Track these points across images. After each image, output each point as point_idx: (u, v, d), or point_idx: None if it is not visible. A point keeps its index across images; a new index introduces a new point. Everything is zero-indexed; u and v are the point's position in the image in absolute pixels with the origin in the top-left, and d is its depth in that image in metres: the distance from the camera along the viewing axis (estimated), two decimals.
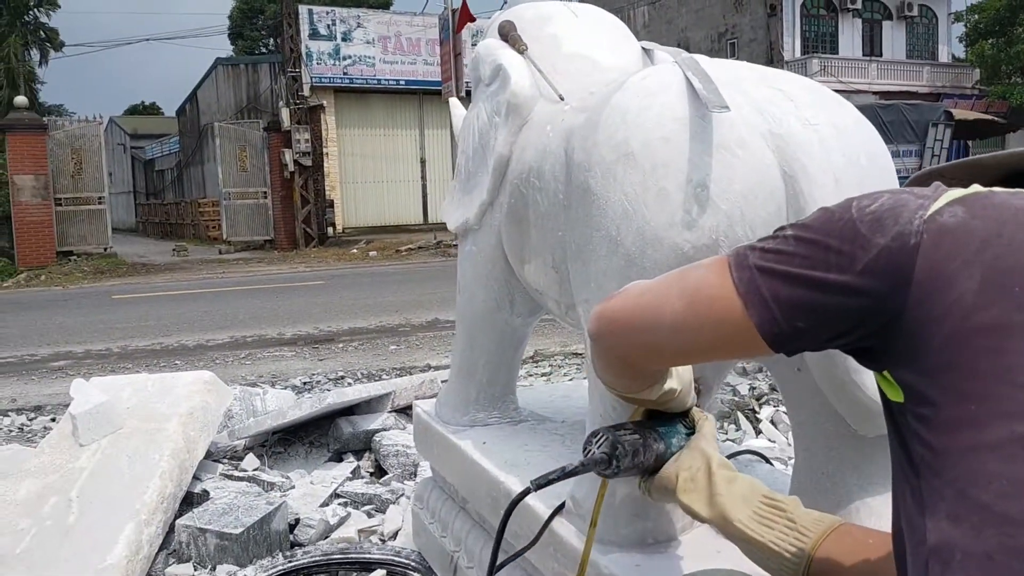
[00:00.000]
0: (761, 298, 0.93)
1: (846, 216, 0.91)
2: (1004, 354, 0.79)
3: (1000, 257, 0.82)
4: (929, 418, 0.84)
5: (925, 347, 0.84)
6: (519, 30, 2.17)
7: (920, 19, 32.39)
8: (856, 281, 0.87)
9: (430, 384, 4.54)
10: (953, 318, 0.82)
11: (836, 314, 0.90)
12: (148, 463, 3.30)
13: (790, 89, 1.52)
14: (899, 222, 0.87)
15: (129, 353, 7.90)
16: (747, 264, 0.95)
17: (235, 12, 51.38)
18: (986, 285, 0.81)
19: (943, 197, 0.88)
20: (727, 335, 0.98)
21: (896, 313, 0.86)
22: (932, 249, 0.84)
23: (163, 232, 31.33)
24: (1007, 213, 0.85)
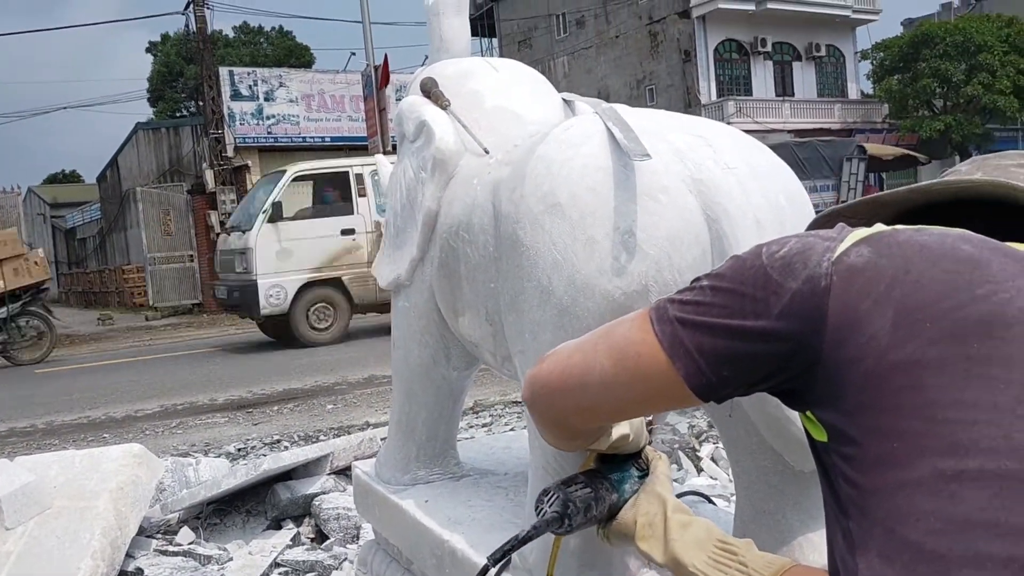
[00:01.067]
0: (685, 350, 0.94)
1: (757, 263, 0.92)
2: (922, 390, 0.80)
3: (909, 294, 0.83)
4: (853, 457, 0.85)
5: (844, 387, 0.85)
6: (441, 86, 2.19)
7: (828, 58, 33.77)
8: (772, 326, 0.89)
9: (369, 443, 4.47)
10: (869, 357, 0.83)
11: (757, 360, 0.91)
12: (78, 543, 3.16)
13: (709, 135, 1.56)
14: (808, 265, 0.88)
15: (55, 429, 7.62)
16: (668, 317, 0.97)
17: (154, 76, 50.91)
18: (899, 322, 0.83)
19: (848, 238, 0.90)
20: (657, 389, 0.99)
21: (814, 355, 0.87)
22: (842, 290, 0.86)
23: (87, 301, 30.48)
24: (912, 250, 0.87)
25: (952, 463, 0.77)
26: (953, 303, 0.82)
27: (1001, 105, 29.19)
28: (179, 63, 47.59)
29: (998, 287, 0.83)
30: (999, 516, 0.74)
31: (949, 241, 0.88)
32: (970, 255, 0.86)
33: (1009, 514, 0.74)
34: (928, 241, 0.88)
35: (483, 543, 1.87)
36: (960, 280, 0.84)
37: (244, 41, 50.21)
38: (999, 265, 0.85)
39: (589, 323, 1.47)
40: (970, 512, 0.75)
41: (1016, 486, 0.75)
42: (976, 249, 0.87)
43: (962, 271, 0.84)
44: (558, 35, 36.20)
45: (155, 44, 51.81)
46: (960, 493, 0.76)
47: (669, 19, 31.19)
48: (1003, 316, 0.81)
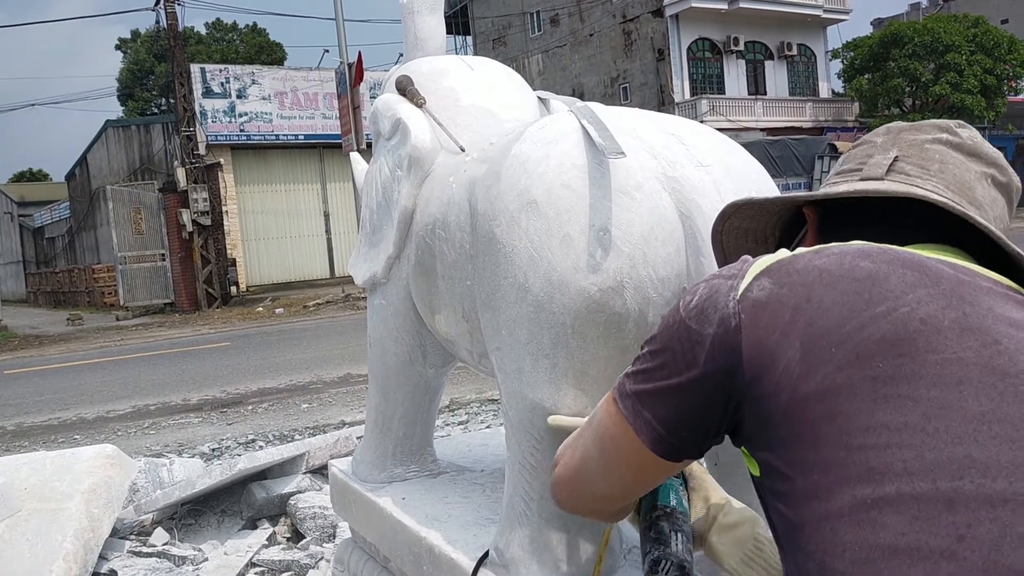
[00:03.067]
0: (645, 421, 0.98)
1: (677, 318, 0.96)
2: (834, 418, 0.82)
3: (813, 322, 0.85)
4: (783, 492, 0.86)
5: (767, 422, 0.87)
6: (416, 84, 2.20)
7: (800, 58, 34.03)
8: (702, 372, 0.92)
9: (345, 442, 4.45)
10: (784, 391, 0.85)
11: (702, 411, 0.94)
12: (50, 545, 3.13)
13: (682, 133, 1.58)
14: (717, 308, 0.92)
15: (25, 430, 7.52)
16: (627, 392, 1.01)
17: (124, 73, 50.33)
18: (806, 352, 0.84)
19: (749, 272, 0.93)
20: (639, 465, 1.03)
21: (738, 393, 0.90)
22: (751, 327, 0.88)
23: (56, 301, 30.09)
24: (812, 276, 0.89)
25: (869, 490, 0.78)
26: (854, 325, 0.83)
27: (968, 104, 29.58)
28: (149, 61, 47.11)
29: (897, 302, 0.84)
30: (919, 539, 0.75)
31: (847, 261, 0.89)
32: (868, 272, 0.87)
33: (928, 536, 0.75)
34: (826, 264, 0.89)
35: (460, 540, 1.88)
36: (859, 300, 0.85)
37: (216, 38, 49.78)
38: (898, 278, 0.86)
39: (565, 319, 1.48)
40: (892, 538, 0.76)
41: (932, 507, 0.76)
42: (875, 264, 0.88)
43: (860, 291, 0.86)
44: (532, 33, 36.22)
45: (125, 41, 51.23)
46: (880, 520, 0.77)
47: (643, 18, 31.31)
48: (905, 331, 0.82)
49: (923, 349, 0.81)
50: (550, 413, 1.54)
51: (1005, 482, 0.76)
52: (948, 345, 0.82)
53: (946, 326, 0.83)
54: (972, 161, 1.06)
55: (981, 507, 0.75)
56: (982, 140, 1.09)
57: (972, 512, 0.75)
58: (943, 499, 0.76)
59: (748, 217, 1.20)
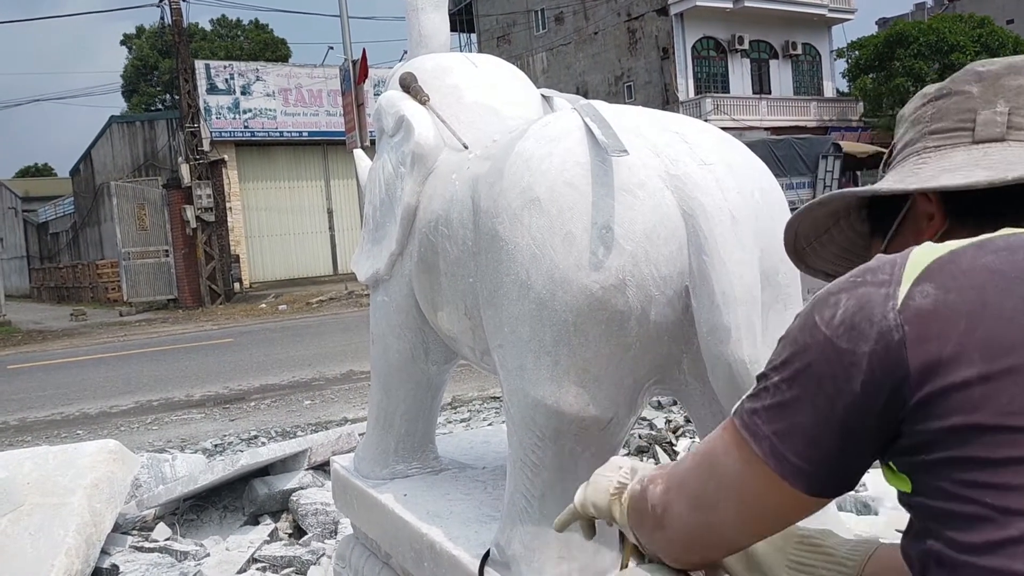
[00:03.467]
0: (795, 467, 0.86)
1: (818, 336, 0.84)
2: (1018, 444, 0.75)
3: (993, 334, 0.76)
4: (948, 512, 0.79)
5: (932, 443, 0.80)
6: (420, 81, 2.20)
7: (804, 57, 33.97)
8: (860, 399, 0.82)
9: (347, 438, 4.46)
10: (960, 410, 0.77)
11: (858, 439, 0.84)
12: (52, 540, 3.14)
13: (685, 131, 1.58)
14: (874, 321, 0.80)
15: (27, 425, 7.53)
16: (763, 435, 0.88)
17: (128, 69, 50.38)
18: (988, 370, 0.76)
19: (905, 278, 0.82)
20: (791, 510, 0.93)
21: (901, 412, 0.81)
22: (918, 339, 0.78)
23: (59, 297, 30.14)
24: (982, 277, 0.79)
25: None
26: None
27: None
28: (154, 56, 47.13)
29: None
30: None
31: (1020, 257, 0.80)
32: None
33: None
34: (996, 263, 0.80)
35: (462, 536, 1.88)
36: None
37: (220, 34, 49.81)
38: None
39: (567, 317, 1.48)
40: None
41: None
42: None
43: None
44: (537, 31, 36.19)
45: (130, 37, 51.27)
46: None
47: (647, 16, 31.26)
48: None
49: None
50: (552, 410, 1.54)
51: None
52: None
53: None
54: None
55: None
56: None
57: None
58: None
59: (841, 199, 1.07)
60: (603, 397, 1.53)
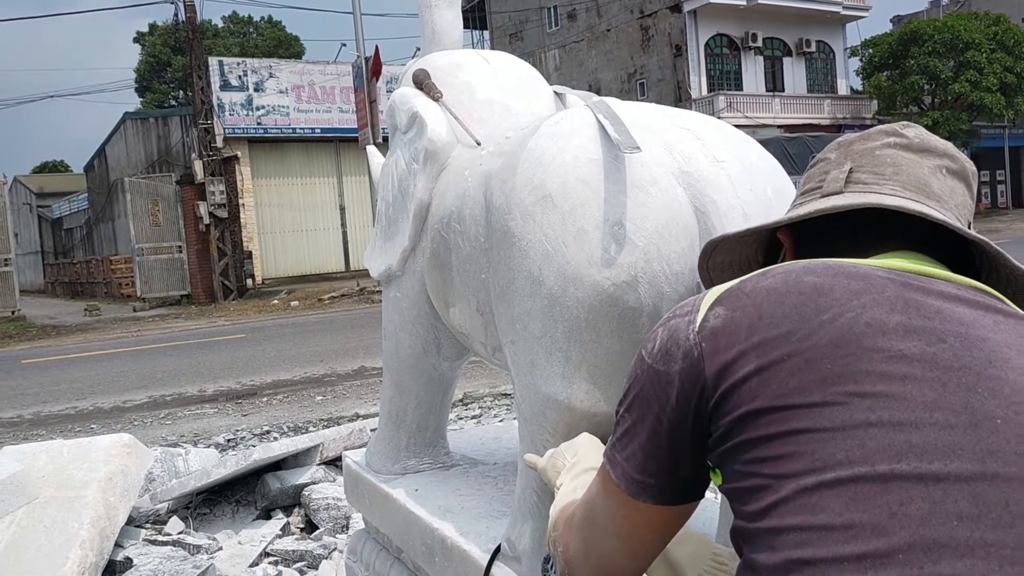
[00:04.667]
0: (643, 484, 1.00)
1: (643, 367, 0.99)
2: (787, 420, 0.86)
3: (765, 337, 0.90)
4: (740, 490, 0.90)
5: (728, 435, 0.91)
6: (433, 78, 2.20)
7: (818, 55, 33.82)
8: (677, 409, 0.95)
9: (359, 434, 4.48)
10: (744, 403, 0.89)
11: (687, 445, 0.97)
12: (67, 532, 3.16)
13: (698, 128, 1.58)
14: (680, 344, 0.95)
15: (42, 419, 7.59)
16: (617, 462, 1.02)
17: (142, 66, 50.60)
18: (761, 364, 0.89)
19: (703, 305, 0.97)
20: (659, 526, 1.05)
21: (708, 416, 0.93)
22: (711, 351, 0.92)
23: (74, 292, 30.31)
24: (761, 296, 0.93)
25: (812, 479, 0.83)
26: (803, 333, 0.88)
27: (987, 102, 29.34)
28: (167, 53, 47.32)
29: (842, 308, 0.89)
30: (854, 518, 0.80)
31: (792, 277, 0.94)
32: (814, 285, 0.92)
33: (862, 514, 0.80)
34: (773, 284, 0.94)
35: (473, 531, 1.89)
36: (806, 310, 0.90)
37: (233, 31, 49.95)
38: (843, 288, 0.91)
39: (578, 313, 1.49)
40: (829, 518, 0.81)
41: (868, 488, 0.80)
42: (819, 278, 0.93)
43: (807, 302, 0.90)
44: (549, 28, 36.15)
45: (143, 34, 51.48)
46: (820, 503, 0.82)
47: (660, 13, 31.18)
48: (851, 333, 0.87)
49: (869, 348, 0.86)
50: (563, 406, 1.55)
51: (940, 464, 0.80)
52: (893, 344, 0.87)
53: (891, 328, 0.88)
54: (923, 157, 1.10)
55: (915, 487, 0.80)
56: (928, 135, 1.12)
57: (906, 491, 0.79)
58: (879, 480, 0.80)
59: (728, 251, 1.22)
60: (614, 394, 1.53)
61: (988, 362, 0.86)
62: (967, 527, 0.77)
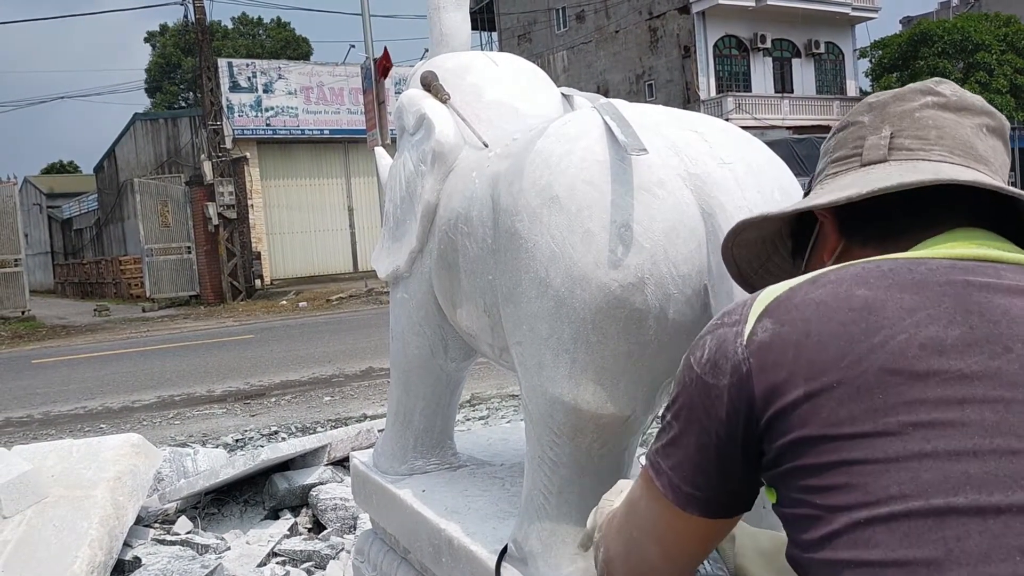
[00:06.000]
0: (690, 496, 0.98)
1: (692, 376, 0.97)
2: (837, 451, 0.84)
3: (814, 359, 0.86)
4: (795, 517, 0.89)
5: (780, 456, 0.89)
6: (441, 80, 2.21)
7: (827, 56, 33.74)
8: (726, 426, 0.93)
9: (367, 434, 4.49)
10: (795, 428, 0.87)
11: (736, 462, 0.95)
12: (76, 532, 3.18)
13: (705, 130, 1.58)
14: (728, 357, 0.92)
15: (51, 419, 7.63)
16: (663, 471, 1.00)
17: (152, 67, 50.79)
18: (810, 390, 0.86)
19: (750, 316, 0.93)
20: (701, 537, 1.03)
21: (759, 435, 0.92)
22: (760, 369, 0.90)
23: (83, 292, 30.44)
24: (809, 310, 0.90)
25: (865, 513, 0.81)
26: (852, 358, 0.85)
27: (998, 104, 29.09)
28: (177, 55, 47.49)
29: (894, 329, 0.85)
30: (909, 554, 0.77)
31: (844, 290, 0.90)
32: (865, 301, 0.88)
33: (917, 550, 0.77)
34: (823, 296, 0.90)
35: (480, 532, 1.89)
36: (856, 331, 0.86)
37: (242, 32, 50.10)
38: (895, 304, 0.87)
39: (585, 315, 1.49)
40: (883, 554, 0.79)
41: (922, 523, 0.78)
42: (871, 291, 0.88)
43: (857, 320, 0.86)
44: (558, 29, 36.15)
45: (153, 35, 51.68)
46: (874, 539, 0.80)
47: (669, 14, 31.16)
48: (903, 358, 0.84)
49: (924, 373, 0.83)
50: (570, 408, 1.55)
51: (1001, 495, 0.77)
52: (951, 364, 0.82)
53: (949, 345, 0.83)
54: (963, 116, 1.05)
55: (972, 520, 0.76)
56: (964, 91, 1.07)
57: (963, 526, 0.77)
58: (935, 515, 0.78)
59: (757, 227, 1.19)
60: (621, 395, 1.53)
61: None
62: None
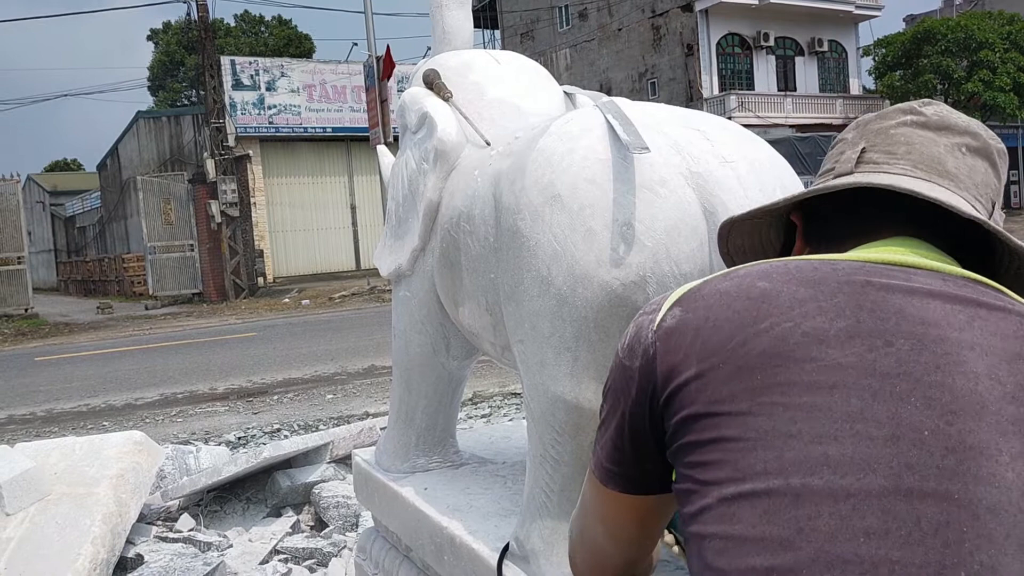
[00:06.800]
0: (608, 472, 1.04)
1: (617, 360, 1.03)
2: (716, 427, 0.88)
3: (707, 341, 0.91)
4: (682, 492, 0.92)
5: (675, 435, 0.93)
6: (443, 78, 2.21)
7: (830, 54, 33.69)
8: (636, 403, 0.98)
9: (369, 432, 4.49)
10: (685, 407, 0.91)
11: (644, 437, 0.99)
12: (79, 529, 3.19)
13: (707, 129, 1.58)
14: (640, 341, 0.98)
15: (54, 416, 7.64)
16: (595, 451, 1.07)
17: (155, 64, 50.80)
18: (701, 369, 0.90)
19: (665, 304, 0.99)
20: (640, 517, 1.08)
21: (661, 414, 0.95)
22: (664, 352, 0.94)
23: (86, 290, 30.47)
24: (713, 299, 0.94)
25: (733, 489, 0.84)
26: (738, 340, 0.89)
27: (1001, 102, 29.15)
28: (180, 52, 47.49)
29: (781, 318, 0.89)
30: (766, 531, 0.81)
31: (747, 282, 0.94)
32: (763, 291, 0.92)
33: (773, 528, 0.80)
34: (728, 287, 0.95)
35: (481, 530, 1.90)
36: (747, 318, 0.90)
37: (244, 30, 50.09)
38: (789, 295, 0.90)
39: (587, 313, 1.49)
40: (744, 530, 0.82)
41: (780, 501, 0.81)
42: (771, 283, 0.92)
43: (750, 308, 0.91)
44: (560, 27, 36.12)
45: (156, 32, 51.70)
46: (738, 514, 0.83)
47: (672, 12, 31.12)
48: (784, 344, 0.87)
49: (801, 359, 0.86)
50: (571, 406, 1.55)
51: (853, 478, 0.80)
52: (829, 353, 0.86)
53: (831, 336, 0.87)
54: (940, 135, 1.06)
55: (824, 501, 0.79)
56: (951, 112, 1.09)
57: (815, 506, 0.80)
58: (792, 494, 0.81)
59: (745, 233, 1.21)
60: None
61: (935, 367, 0.84)
62: (874, 544, 0.77)
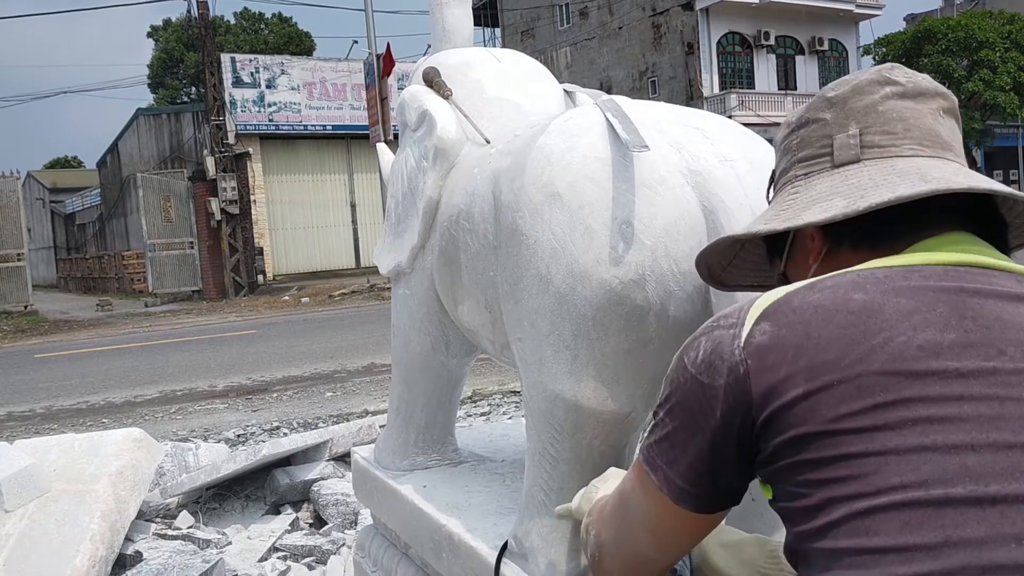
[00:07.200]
0: (684, 492, 1.01)
1: (686, 375, 0.99)
2: (837, 446, 0.86)
3: (814, 360, 0.89)
4: (793, 510, 0.91)
5: (778, 453, 0.92)
6: (443, 76, 2.21)
7: (831, 53, 33.67)
8: (721, 424, 0.95)
9: (368, 430, 4.49)
10: (794, 427, 0.89)
11: (728, 459, 0.98)
12: (78, 526, 3.19)
13: (706, 127, 1.58)
14: (724, 358, 0.95)
15: (54, 413, 7.64)
16: (658, 466, 1.03)
17: (155, 62, 50.74)
18: (811, 389, 0.88)
19: (748, 319, 0.96)
20: (691, 530, 1.07)
21: (754, 434, 0.94)
22: (758, 371, 0.92)
23: (86, 287, 30.46)
24: (808, 313, 0.92)
25: (865, 503, 0.83)
26: (853, 358, 0.87)
27: (1001, 102, 29.14)
28: (180, 50, 47.43)
29: (893, 331, 0.88)
30: (909, 540, 0.80)
31: (841, 294, 0.92)
32: (863, 304, 0.90)
33: (917, 537, 0.80)
34: (821, 300, 0.92)
35: (480, 528, 1.90)
36: (856, 333, 0.88)
37: (245, 27, 50.03)
38: (892, 307, 0.89)
39: (586, 311, 1.49)
40: (883, 542, 0.81)
41: (922, 512, 0.81)
42: (868, 296, 0.91)
43: (857, 323, 0.89)
44: (561, 26, 36.10)
45: (156, 29, 51.63)
46: (873, 527, 0.82)
47: (672, 11, 31.10)
48: (902, 360, 0.86)
49: (922, 373, 0.85)
50: (570, 404, 1.55)
51: (998, 486, 0.80)
52: (949, 364, 0.85)
53: (946, 347, 0.86)
54: (921, 102, 1.05)
55: (970, 509, 0.79)
56: (914, 73, 1.07)
57: (960, 514, 0.79)
58: (934, 504, 0.80)
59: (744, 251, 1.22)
60: (622, 392, 1.53)
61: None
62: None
